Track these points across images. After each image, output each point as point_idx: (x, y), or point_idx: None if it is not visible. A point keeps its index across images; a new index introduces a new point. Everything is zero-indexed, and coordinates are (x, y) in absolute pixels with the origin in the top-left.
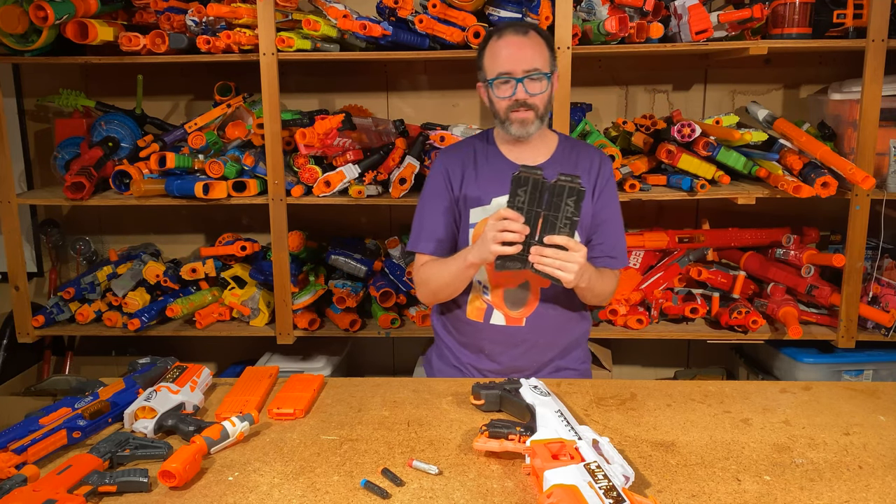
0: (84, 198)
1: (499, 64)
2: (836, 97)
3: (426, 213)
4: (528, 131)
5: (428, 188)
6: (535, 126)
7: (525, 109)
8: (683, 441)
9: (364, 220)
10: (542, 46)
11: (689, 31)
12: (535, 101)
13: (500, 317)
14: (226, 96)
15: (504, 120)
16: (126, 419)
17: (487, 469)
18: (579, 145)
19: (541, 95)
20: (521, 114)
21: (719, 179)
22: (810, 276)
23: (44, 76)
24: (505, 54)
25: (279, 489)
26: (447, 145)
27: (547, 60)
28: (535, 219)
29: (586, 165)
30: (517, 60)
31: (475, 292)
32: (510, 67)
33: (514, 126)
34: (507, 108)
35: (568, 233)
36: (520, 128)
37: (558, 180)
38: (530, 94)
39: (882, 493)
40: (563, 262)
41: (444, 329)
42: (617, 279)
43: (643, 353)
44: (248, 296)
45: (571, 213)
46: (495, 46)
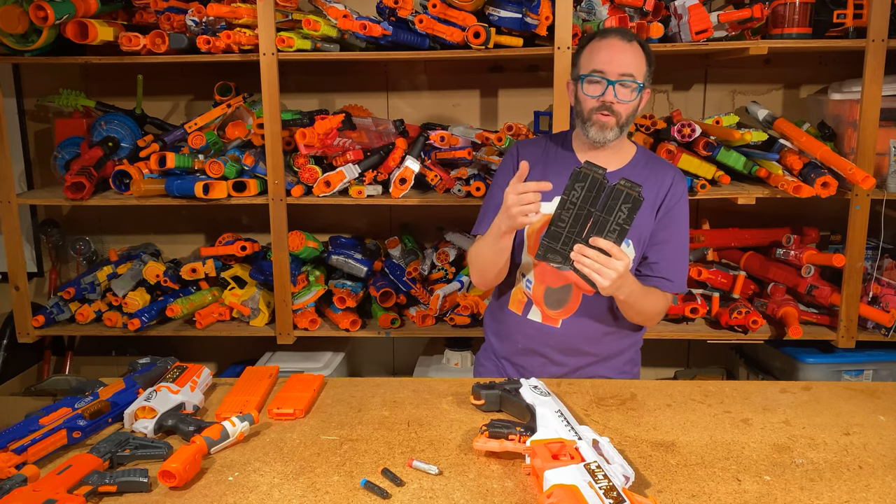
0: (84, 198)
1: (595, 62)
2: (836, 97)
3: (492, 199)
4: (606, 137)
5: (499, 175)
6: (613, 133)
7: (608, 114)
8: (683, 441)
9: (364, 220)
10: (642, 58)
11: (689, 31)
12: (620, 109)
13: (537, 313)
14: (226, 96)
15: (586, 120)
16: (126, 419)
17: (487, 469)
18: (657, 161)
19: (628, 104)
20: (603, 117)
21: (719, 179)
22: (810, 276)
23: (44, 76)
24: (604, 54)
25: (279, 489)
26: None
27: (643, 72)
28: (585, 217)
29: (658, 180)
30: (615, 62)
31: (518, 284)
32: (606, 67)
33: (594, 129)
34: (591, 108)
35: (616, 239)
36: (599, 131)
37: (618, 184)
38: (619, 99)
39: (882, 493)
40: (602, 265)
41: (488, 325)
42: (668, 303)
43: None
44: (248, 296)
45: (624, 219)
46: (597, 45)
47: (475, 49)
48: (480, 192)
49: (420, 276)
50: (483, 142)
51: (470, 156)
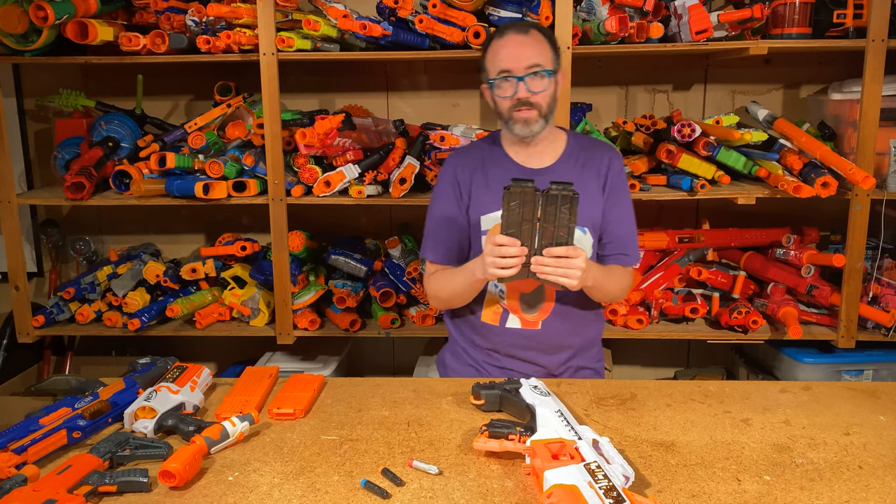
0: (84, 198)
1: (499, 62)
2: (836, 97)
3: (434, 220)
4: (532, 130)
5: (436, 193)
6: (539, 125)
7: (528, 108)
8: (683, 441)
9: (364, 220)
10: (545, 44)
11: (689, 31)
12: (537, 100)
13: (515, 320)
14: (226, 96)
15: (508, 120)
16: (126, 419)
17: (487, 469)
18: (590, 142)
19: (543, 93)
20: (523, 113)
21: (719, 179)
22: (810, 276)
23: (44, 76)
24: (505, 52)
25: (279, 489)
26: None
27: (549, 58)
28: (531, 230)
29: (597, 163)
30: (518, 58)
31: (491, 296)
32: (511, 65)
33: (518, 126)
34: (509, 107)
35: (568, 239)
36: (524, 127)
37: (550, 190)
38: (532, 91)
39: (882, 493)
40: (564, 269)
41: (457, 330)
42: (630, 276)
43: (643, 353)
44: (248, 296)
45: (568, 218)
46: (496, 45)
47: (475, 49)
48: None
49: (420, 276)
50: None
51: None
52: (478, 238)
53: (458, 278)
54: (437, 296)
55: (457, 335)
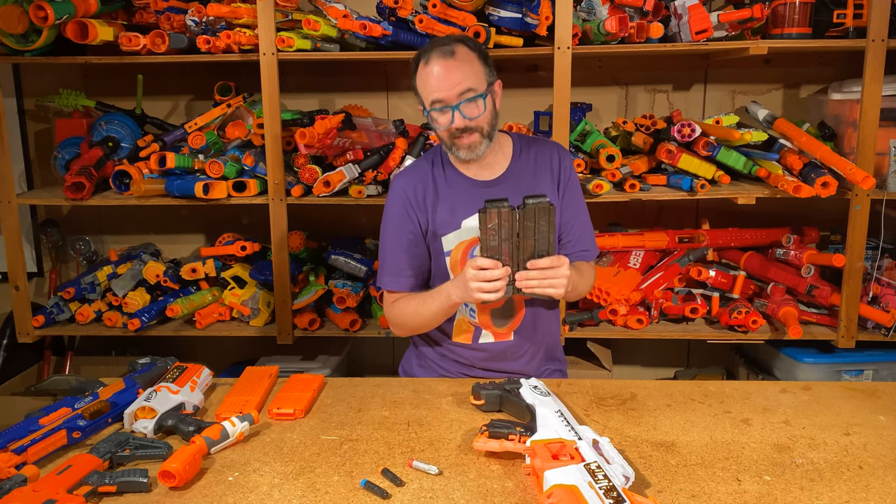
0: (84, 198)
1: (430, 92)
2: (836, 97)
3: (388, 246)
4: (478, 153)
5: (388, 218)
6: (483, 146)
7: (468, 134)
8: (683, 441)
9: (364, 220)
10: (473, 62)
11: (689, 31)
12: (476, 124)
13: (487, 335)
14: (226, 96)
15: (451, 146)
16: (126, 419)
17: (487, 469)
18: (534, 142)
19: (481, 117)
20: (465, 139)
21: (719, 179)
22: (810, 276)
23: (44, 76)
24: (434, 81)
25: (279, 489)
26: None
27: (481, 76)
28: (512, 247)
29: (546, 163)
30: (447, 85)
31: (461, 315)
32: (442, 94)
33: (462, 152)
34: (450, 135)
35: (549, 250)
36: (468, 152)
37: (526, 205)
38: (468, 118)
39: (882, 493)
40: (550, 279)
41: (426, 345)
42: (594, 270)
43: (643, 353)
44: (248, 296)
45: (547, 230)
46: (423, 73)
47: None
48: None
49: None
50: None
51: None
52: (439, 259)
53: (429, 304)
54: (403, 324)
55: (426, 349)
